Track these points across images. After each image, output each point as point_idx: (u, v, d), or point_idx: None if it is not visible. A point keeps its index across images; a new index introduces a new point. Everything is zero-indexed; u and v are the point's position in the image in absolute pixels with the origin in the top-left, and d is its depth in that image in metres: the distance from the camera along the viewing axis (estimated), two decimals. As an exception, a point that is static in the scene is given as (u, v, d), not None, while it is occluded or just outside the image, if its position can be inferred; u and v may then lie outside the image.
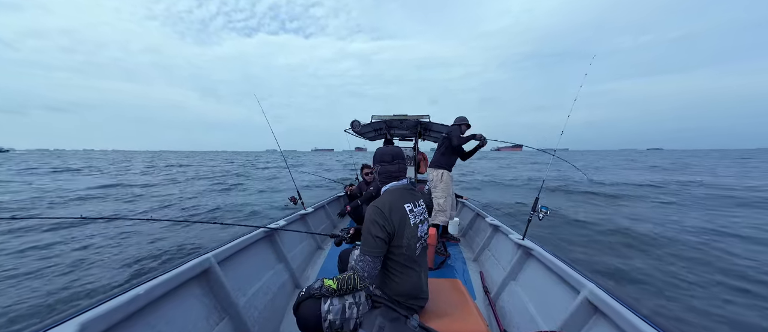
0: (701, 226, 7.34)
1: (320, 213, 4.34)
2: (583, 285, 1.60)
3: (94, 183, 16.78)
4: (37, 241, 5.91)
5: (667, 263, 5.08)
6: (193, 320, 1.55)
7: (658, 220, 8.09)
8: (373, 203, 1.46)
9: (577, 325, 1.55)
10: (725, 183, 16.11)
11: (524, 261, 2.42)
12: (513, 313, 2.18)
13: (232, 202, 11.39)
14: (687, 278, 4.48)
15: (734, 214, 8.68)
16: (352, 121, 5.12)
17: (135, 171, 26.70)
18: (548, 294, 1.95)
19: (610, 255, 5.53)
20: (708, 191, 13.17)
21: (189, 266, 1.58)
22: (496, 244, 3.19)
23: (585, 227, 7.40)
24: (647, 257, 5.41)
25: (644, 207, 10.22)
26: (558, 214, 8.51)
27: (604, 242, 6.30)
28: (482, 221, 3.86)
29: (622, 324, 1.28)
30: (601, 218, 8.27)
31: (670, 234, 6.71)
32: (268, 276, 2.36)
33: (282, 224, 2.79)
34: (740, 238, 6.42)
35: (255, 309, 2.00)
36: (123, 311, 1.18)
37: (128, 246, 5.74)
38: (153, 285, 1.34)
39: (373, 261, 1.37)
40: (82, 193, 12.91)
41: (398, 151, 1.62)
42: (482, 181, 19.26)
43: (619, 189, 14.04)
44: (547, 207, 2.28)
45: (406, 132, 6.45)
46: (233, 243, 2.04)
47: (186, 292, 1.57)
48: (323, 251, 3.65)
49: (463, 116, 4.04)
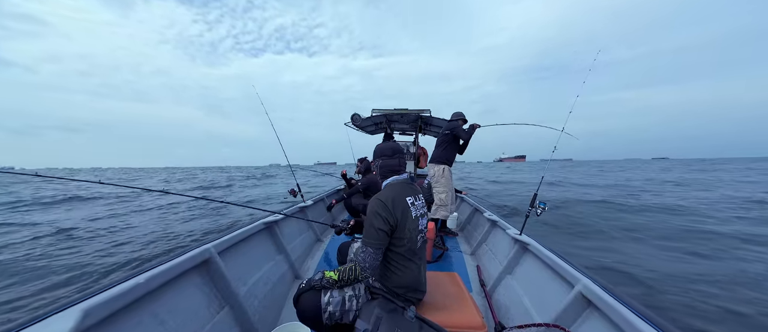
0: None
1: (319, 205, 4.36)
2: (577, 279, 1.62)
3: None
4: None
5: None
6: (195, 308, 1.57)
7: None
8: (376, 196, 1.48)
9: (570, 318, 1.58)
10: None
11: (520, 255, 2.45)
12: (508, 306, 2.22)
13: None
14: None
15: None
16: (353, 114, 5.11)
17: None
18: (543, 287, 1.98)
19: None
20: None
21: (189, 256, 1.60)
22: (494, 239, 3.22)
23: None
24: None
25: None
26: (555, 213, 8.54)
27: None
28: (480, 216, 3.89)
29: (615, 317, 1.31)
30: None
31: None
32: (268, 266, 2.39)
33: (281, 216, 2.81)
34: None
35: (255, 298, 2.03)
36: (124, 298, 1.19)
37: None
38: (153, 274, 1.35)
39: (374, 252, 1.40)
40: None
41: (398, 146, 1.65)
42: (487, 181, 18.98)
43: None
44: (545, 203, 2.29)
45: (406, 126, 6.43)
46: (233, 235, 2.06)
47: (187, 281, 1.59)
48: (322, 243, 3.68)
49: (460, 111, 4.04)
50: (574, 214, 8.61)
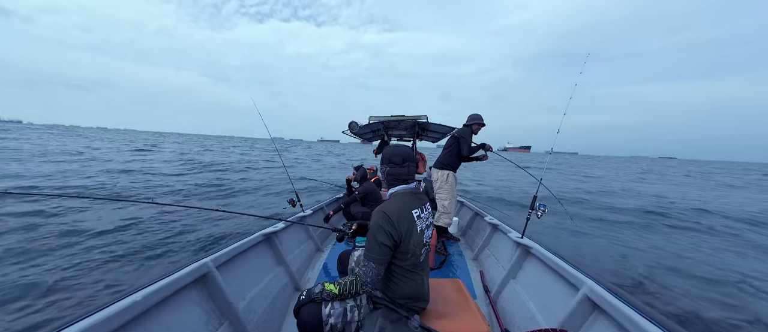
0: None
1: (319, 215, 4.33)
2: (582, 282, 1.60)
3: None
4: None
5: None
6: (192, 326, 1.53)
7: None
8: (380, 208, 1.41)
9: (577, 322, 1.55)
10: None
11: (524, 259, 2.42)
12: (513, 312, 2.19)
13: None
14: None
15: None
16: (350, 122, 5.12)
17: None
18: (548, 292, 1.95)
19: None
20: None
21: (187, 271, 1.57)
22: (496, 243, 3.19)
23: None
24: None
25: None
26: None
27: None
28: (481, 220, 3.86)
29: (622, 320, 1.28)
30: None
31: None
32: (267, 279, 2.35)
33: (281, 227, 2.78)
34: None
35: (254, 312, 1.98)
36: (121, 318, 1.16)
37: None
38: (150, 291, 1.32)
39: (377, 267, 1.33)
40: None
41: (409, 152, 1.54)
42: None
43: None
44: (545, 205, 2.28)
45: (403, 132, 6.44)
46: (231, 248, 2.03)
47: (184, 297, 1.56)
48: (323, 253, 3.64)
49: (477, 114, 3.70)
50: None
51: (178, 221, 6.16)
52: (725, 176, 33.68)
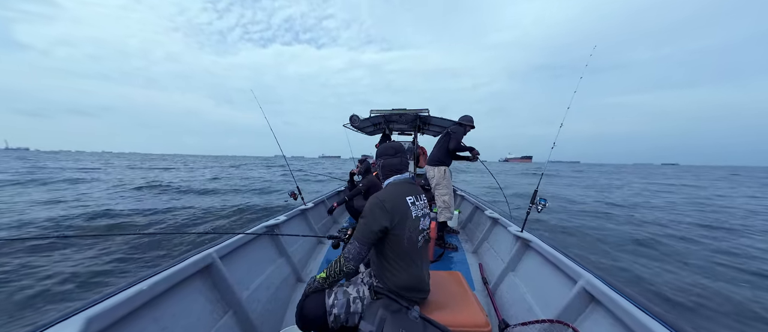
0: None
1: (320, 207, 4.35)
2: (580, 275, 1.63)
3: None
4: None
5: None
6: (197, 314, 1.57)
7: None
8: (375, 195, 1.48)
9: (574, 314, 1.58)
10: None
11: (523, 252, 2.45)
12: (511, 304, 2.22)
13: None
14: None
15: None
16: (351, 115, 5.10)
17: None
18: (546, 284, 1.98)
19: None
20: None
21: (191, 261, 1.60)
22: (495, 237, 3.22)
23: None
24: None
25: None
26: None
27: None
28: (481, 214, 3.89)
29: (618, 312, 1.31)
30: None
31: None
32: (270, 270, 2.39)
33: (282, 219, 2.81)
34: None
35: (258, 302, 2.02)
36: (128, 306, 1.19)
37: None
38: (156, 280, 1.35)
39: (360, 247, 1.41)
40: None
41: (400, 146, 1.66)
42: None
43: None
44: (545, 200, 2.30)
45: (405, 126, 6.42)
46: (234, 239, 2.06)
47: (189, 287, 1.59)
48: (324, 245, 3.67)
49: (469, 116, 3.82)
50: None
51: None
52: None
